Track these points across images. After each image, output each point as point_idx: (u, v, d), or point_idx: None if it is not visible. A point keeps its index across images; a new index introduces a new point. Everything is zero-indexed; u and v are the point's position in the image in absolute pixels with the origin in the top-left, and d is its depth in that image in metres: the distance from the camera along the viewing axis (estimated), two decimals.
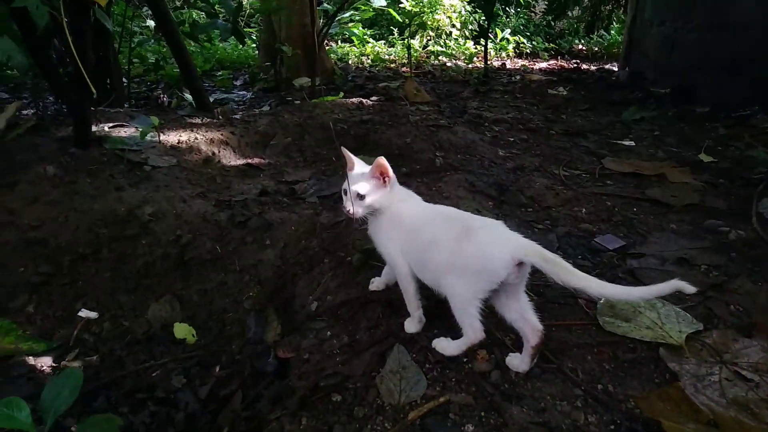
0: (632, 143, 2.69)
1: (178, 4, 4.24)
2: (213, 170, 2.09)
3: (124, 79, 3.54)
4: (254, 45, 6.32)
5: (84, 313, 1.59)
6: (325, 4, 8.52)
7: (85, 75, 1.80)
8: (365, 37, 4.91)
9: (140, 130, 2.15)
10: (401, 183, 1.27)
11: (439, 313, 1.14)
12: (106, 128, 2.29)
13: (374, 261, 1.44)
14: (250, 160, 2.18)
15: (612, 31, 8.58)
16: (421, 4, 7.89)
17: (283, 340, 1.35)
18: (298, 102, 2.83)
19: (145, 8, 4.14)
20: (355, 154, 1.38)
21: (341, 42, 8.15)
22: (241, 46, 3.63)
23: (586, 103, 3.89)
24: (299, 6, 4.62)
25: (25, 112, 2.53)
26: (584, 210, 1.78)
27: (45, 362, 1.40)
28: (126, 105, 3.47)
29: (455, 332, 1.07)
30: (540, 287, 1.31)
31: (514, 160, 2.23)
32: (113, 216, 1.76)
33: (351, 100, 2.73)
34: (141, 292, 1.65)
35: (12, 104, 2.26)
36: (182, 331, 1.54)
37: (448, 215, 1.15)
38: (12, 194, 1.84)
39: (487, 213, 1.71)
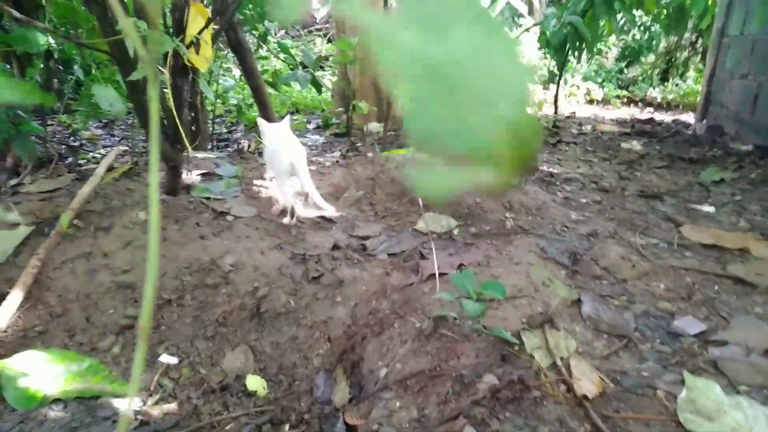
0: (712, 209, 2.58)
1: (263, 53, 4.50)
2: (288, 222, 2.18)
3: (208, 122, 3.79)
4: (329, 92, 6.58)
5: (165, 358, 1.68)
6: None
7: (181, 131, 1.95)
8: None
9: (225, 180, 2.29)
10: (470, 243, 1.34)
11: None
12: (194, 175, 2.45)
13: (444, 330, 1.46)
14: (323, 212, 2.26)
15: (688, 80, 8.33)
16: None
17: (351, 404, 1.38)
18: (370, 155, 2.91)
19: (227, 50, 4.44)
20: (424, 212, 1.55)
21: None
22: (318, 94, 3.79)
23: (661, 159, 3.78)
24: (372, 56, 4.81)
25: (121, 156, 2.74)
26: (662, 286, 1.73)
27: (127, 406, 1.49)
28: (209, 147, 3.70)
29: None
30: (616, 374, 1.27)
31: (586, 224, 2.20)
32: (197, 264, 1.88)
33: (421, 156, 2.78)
34: (218, 340, 1.73)
35: (112, 151, 2.46)
36: (254, 383, 1.60)
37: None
38: (107, 237, 1.99)
39: (559, 283, 1.69)
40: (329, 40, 8.51)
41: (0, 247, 1.92)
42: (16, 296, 1.71)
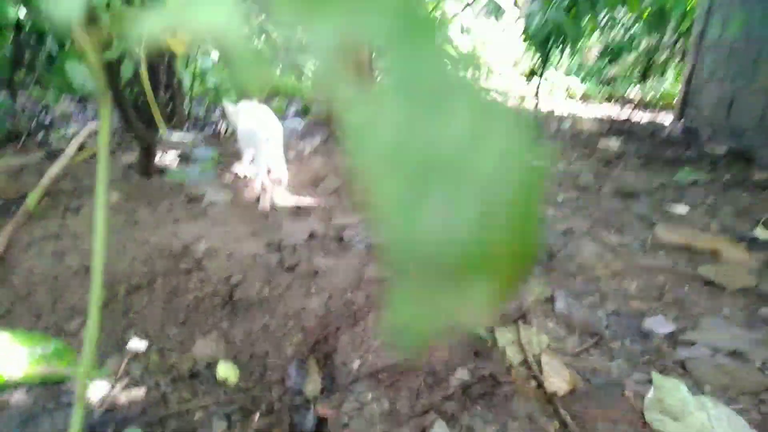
0: (685, 210, 2.62)
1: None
2: (264, 208, 2.15)
3: (185, 103, 3.71)
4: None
5: (134, 343, 1.64)
6: None
7: (156, 112, 1.90)
8: None
9: (200, 164, 2.25)
10: None
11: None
12: (168, 159, 2.40)
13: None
14: (300, 200, 2.23)
15: (667, 80, 8.46)
16: (473, 44, 7.99)
17: (323, 396, 1.37)
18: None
19: None
20: None
21: None
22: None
23: (637, 158, 3.83)
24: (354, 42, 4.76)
25: (94, 134, 2.67)
26: (634, 285, 1.75)
27: (93, 392, 1.45)
28: (186, 128, 3.63)
29: None
30: (587, 371, 1.29)
31: (562, 222, 2.21)
32: (169, 249, 1.84)
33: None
34: (189, 326, 1.70)
35: (84, 129, 2.38)
36: (225, 370, 1.57)
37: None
38: (76, 218, 1.94)
39: (534, 280, 1.70)
40: None
41: None
42: None
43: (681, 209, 2.64)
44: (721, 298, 1.73)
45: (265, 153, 2.12)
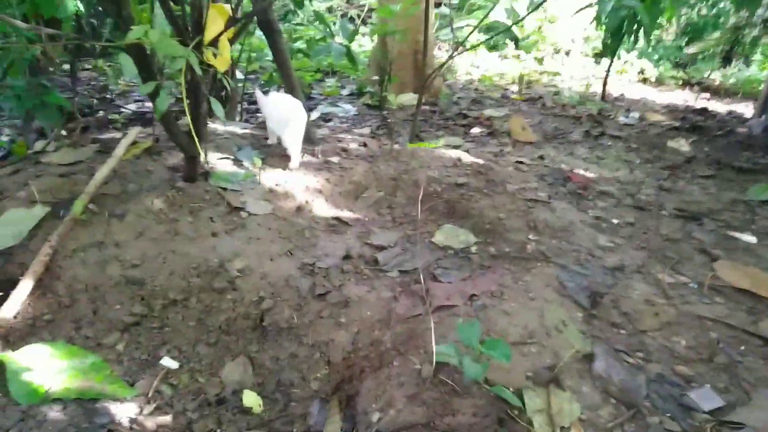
0: (754, 239, 2.41)
1: (298, 20, 4.34)
2: (303, 221, 2.12)
3: (238, 89, 3.71)
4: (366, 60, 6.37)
5: (166, 361, 1.69)
6: (444, 7, 8.44)
7: (195, 135, 1.87)
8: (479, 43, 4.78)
9: (244, 172, 2.24)
10: (487, 266, 1.34)
11: None
12: (215, 159, 2.40)
13: (444, 377, 1.41)
14: (339, 213, 2.20)
15: (753, 65, 7.73)
16: (541, 18, 7.57)
17: None
18: (397, 146, 2.80)
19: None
20: (443, 222, 2.12)
21: (452, 50, 8.01)
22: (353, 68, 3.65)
23: (708, 166, 3.55)
24: (414, 24, 4.59)
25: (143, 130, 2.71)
26: (683, 342, 1.63)
27: (124, 413, 1.50)
28: (239, 111, 3.64)
29: None
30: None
31: (614, 253, 2.07)
32: (206, 265, 1.86)
33: (449, 154, 2.66)
34: (220, 348, 1.72)
35: (133, 130, 2.42)
36: (251, 399, 1.59)
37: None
38: (120, 225, 1.98)
39: (574, 330, 1.61)
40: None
41: (16, 228, 1.93)
42: (26, 285, 1.73)
43: (748, 238, 2.42)
44: None
45: (292, 135, 2.42)
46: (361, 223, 2.18)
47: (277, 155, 2.60)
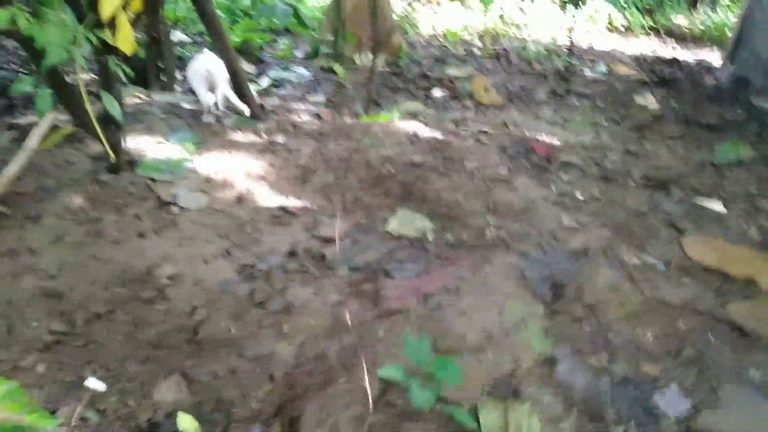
0: (722, 208, 2.32)
1: None
2: (244, 213, 1.94)
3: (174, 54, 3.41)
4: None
5: (92, 383, 1.52)
6: None
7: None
8: None
9: (175, 160, 2.03)
10: (444, 257, 1.36)
11: None
12: (145, 144, 2.17)
13: (392, 397, 1.28)
14: (285, 202, 2.01)
15: (719, 9, 7.58)
16: None
17: None
18: (348, 120, 2.60)
19: None
20: (398, 207, 1.99)
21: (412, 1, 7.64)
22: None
23: (676, 123, 3.44)
24: None
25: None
26: (650, 335, 1.53)
27: None
28: (177, 80, 3.35)
29: None
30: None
31: (579, 234, 1.95)
32: (132, 272, 1.67)
33: (405, 128, 2.48)
34: (151, 364, 1.56)
35: (47, 116, 2.16)
36: (186, 422, 1.45)
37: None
38: (36, 229, 1.77)
39: (535, 328, 1.49)
40: None
41: None
42: None
43: (717, 207, 2.33)
44: (752, 353, 1.51)
45: (203, 79, 2.51)
46: (308, 212, 2.00)
47: (216, 134, 2.38)
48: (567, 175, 2.39)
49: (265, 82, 3.73)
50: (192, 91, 3.32)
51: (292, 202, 2.02)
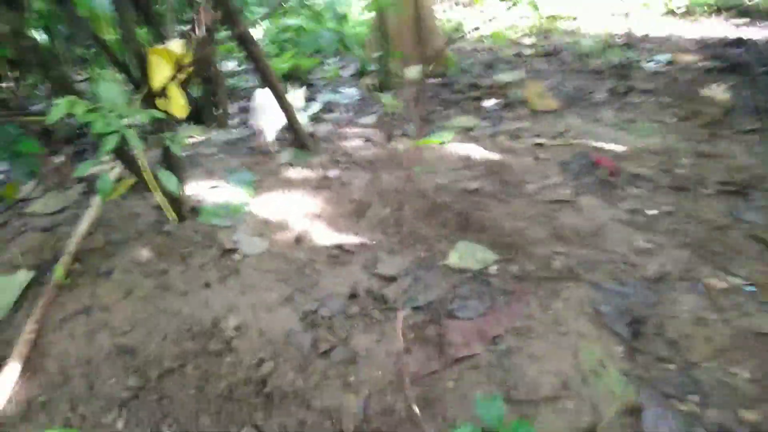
0: None
1: (286, 6, 4.03)
2: (303, 255, 1.94)
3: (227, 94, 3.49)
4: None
5: None
6: None
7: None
8: None
9: (235, 203, 2.07)
10: (509, 291, 1.40)
11: None
12: (203, 190, 2.22)
13: None
14: (342, 239, 2.00)
15: None
16: None
17: None
18: (401, 146, 2.56)
19: None
20: (456, 239, 1.92)
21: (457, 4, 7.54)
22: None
23: (750, 115, 3.19)
24: None
25: None
26: (746, 374, 1.40)
27: None
28: (231, 115, 3.43)
29: None
30: None
31: (654, 257, 1.83)
32: (199, 325, 1.70)
33: (458, 151, 2.41)
34: (223, 417, 1.57)
35: (111, 172, 2.24)
36: None
37: None
38: (107, 285, 1.84)
39: (614, 373, 1.40)
40: None
41: (2, 298, 1.81)
42: (13, 368, 1.61)
43: None
44: None
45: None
46: (366, 249, 1.98)
47: (272, 172, 2.40)
48: (636, 188, 2.24)
49: (315, 107, 3.75)
50: (247, 126, 3.40)
51: (349, 239, 2.00)
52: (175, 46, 1.43)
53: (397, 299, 1.74)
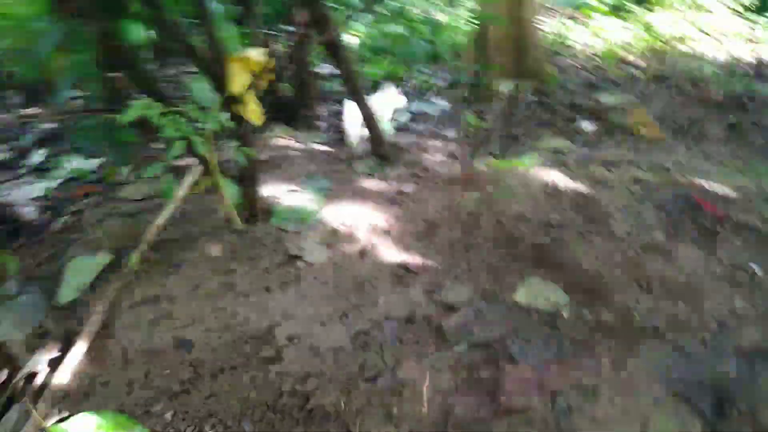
0: None
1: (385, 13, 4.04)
2: (365, 270, 1.90)
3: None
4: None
5: None
6: None
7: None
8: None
9: (307, 209, 2.08)
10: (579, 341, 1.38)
11: None
12: (280, 192, 2.25)
13: None
14: (407, 259, 1.94)
15: None
16: None
17: None
18: (483, 167, 2.45)
19: None
20: (528, 274, 1.77)
21: (565, 17, 7.21)
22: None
23: None
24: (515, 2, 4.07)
25: None
26: None
27: None
28: (318, 119, 3.47)
29: None
30: None
31: (754, 325, 1.59)
32: (255, 329, 1.71)
33: (543, 177, 2.26)
34: (264, 425, 1.57)
35: (195, 168, 2.32)
36: None
37: None
38: (176, 278, 1.90)
39: None
40: None
41: (79, 279, 1.92)
42: (80, 347, 1.71)
43: None
44: None
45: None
46: (431, 271, 1.90)
47: (348, 180, 2.39)
48: (741, 240, 1.98)
49: (403, 116, 3.72)
50: (337, 130, 3.44)
51: (415, 260, 1.94)
52: (255, 54, 1.44)
53: (454, 332, 1.65)
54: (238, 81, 1.37)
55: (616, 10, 7.32)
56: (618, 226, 1.95)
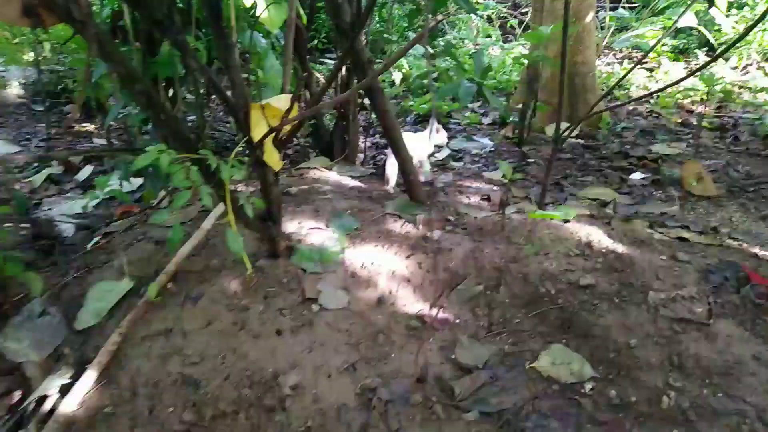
0: None
1: (429, 52, 4.03)
2: (381, 319, 1.84)
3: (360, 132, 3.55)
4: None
5: None
6: (621, 9, 7.45)
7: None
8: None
9: (329, 250, 2.04)
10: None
11: None
12: (305, 230, 2.22)
13: None
14: (425, 310, 1.86)
15: None
16: (746, 18, 6.21)
17: None
18: (519, 216, 2.35)
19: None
20: (553, 340, 1.68)
21: (624, 59, 7.03)
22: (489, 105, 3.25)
23: None
24: (573, 42, 3.98)
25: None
26: None
27: None
28: (360, 157, 3.47)
29: None
30: None
31: None
32: (260, 374, 1.67)
33: (579, 233, 2.14)
34: None
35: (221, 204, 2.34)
36: None
37: None
38: (192, 311, 1.89)
39: None
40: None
41: (100, 305, 1.94)
42: (90, 375, 1.71)
43: None
44: None
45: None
46: (448, 326, 1.82)
47: (375, 221, 2.34)
48: None
49: (444, 154, 3.67)
50: (376, 164, 3.42)
51: (433, 312, 1.86)
52: (280, 101, 1.43)
53: (466, 397, 1.56)
54: (258, 129, 1.36)
55: (680, 53, 7.09)
56: (654, 295, 1.80)
